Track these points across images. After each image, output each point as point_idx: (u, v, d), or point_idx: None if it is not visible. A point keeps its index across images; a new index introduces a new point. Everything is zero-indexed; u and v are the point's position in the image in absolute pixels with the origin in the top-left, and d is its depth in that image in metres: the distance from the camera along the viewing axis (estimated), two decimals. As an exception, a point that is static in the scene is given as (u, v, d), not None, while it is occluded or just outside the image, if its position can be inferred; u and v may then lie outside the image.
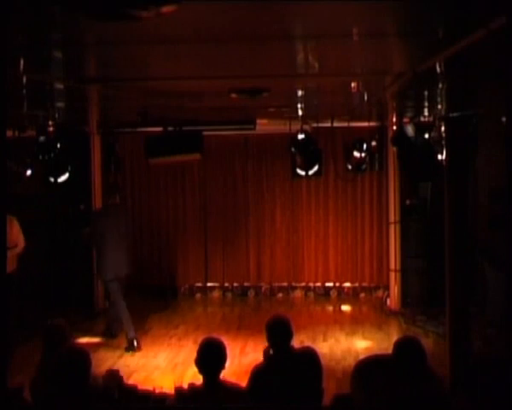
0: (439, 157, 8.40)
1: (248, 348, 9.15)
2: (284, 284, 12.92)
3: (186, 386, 5.00)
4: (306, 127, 10.17)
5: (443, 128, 8.04)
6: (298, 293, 12.86)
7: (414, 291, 11.39)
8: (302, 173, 10.17)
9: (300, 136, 9.91)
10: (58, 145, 8.55)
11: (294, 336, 5.33)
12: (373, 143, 10.92)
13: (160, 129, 8.89)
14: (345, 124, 11.07)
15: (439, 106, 8.29)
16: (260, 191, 12.87)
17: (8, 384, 3.34)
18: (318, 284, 12.86)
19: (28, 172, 9.09)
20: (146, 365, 9.01)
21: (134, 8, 2.57)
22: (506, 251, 8.63)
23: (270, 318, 5.42)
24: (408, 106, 9.28)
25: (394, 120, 9.76)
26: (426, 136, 8.79)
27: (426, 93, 7.57)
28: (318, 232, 12.77)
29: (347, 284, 12.81)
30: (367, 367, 3.93)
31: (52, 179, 8.72)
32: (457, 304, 7.49)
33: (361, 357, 4.95)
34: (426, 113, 9.30)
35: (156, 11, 2.62)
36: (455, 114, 7.41)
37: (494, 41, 3.97)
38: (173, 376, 8.15)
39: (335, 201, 12.72)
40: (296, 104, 8.96)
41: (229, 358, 4.84)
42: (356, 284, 12.78)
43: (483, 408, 3.12)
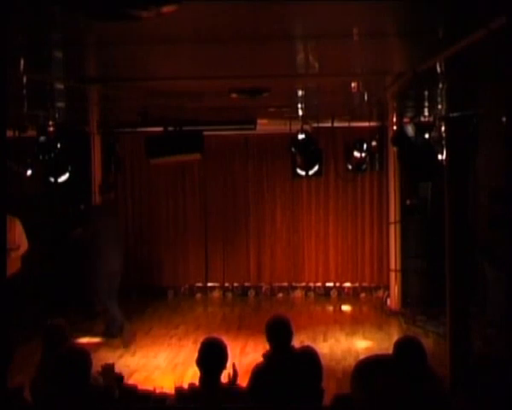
0: (440, 157, 8.41)
1: (249, 348, 9.15)
2: (284, 284, 12.91)
3: (186, 386, 5.00)
4: (307, 127, 10.17)
5: (443, 128, 8.04)
6: (298, 293, 12.86)
7: (414, 291, 11.38)
8: (302, 173, 10.17)
9: (301, 136, 9.90)
10: (58, 145, 8.54)
11: (295, 336, 5.33)
12: (373, 143, 10.93)
13: (161, 129, 8.89)
14: (345, 124, 11.08)
15: (440, 106, 8.29)
16: (260, 191, 12.86)
17: (8, 384, 3.34)
18: (319, 284, 12.85)
19: (28, 172, 9.10)
20: (146, 365, 9.01)
21: (134, 8, 2.58)
22: (506, 251, 8.64)
23: (270, 318, 5.42)
24: (408, 106, 9.28)
25: (394, 120, 9.77)
26: (426, 136, 8.81)
27: (426, 93, 7.57)
28: (319, 232, 12.76)
29: (347, 284, 12.80)
30: (367, 367, 3.92)
31: (52, 179, 8.72)
32: (458, 304, 7.48)
33: (361, 357, 4.95)
34: (426, 113, 9.31)
35: (156, 11, 2.62)
36: (455, 114, 7.41)
37: (494, 41, 3.97)
38: (173, 376, 8.14)
39: (336, 201, 12.71)
40: (296, 104, 8.96)
41: (229, 358, 4.83)
42: (356, 284, 12.78)
43: (483, 408, 3.12)
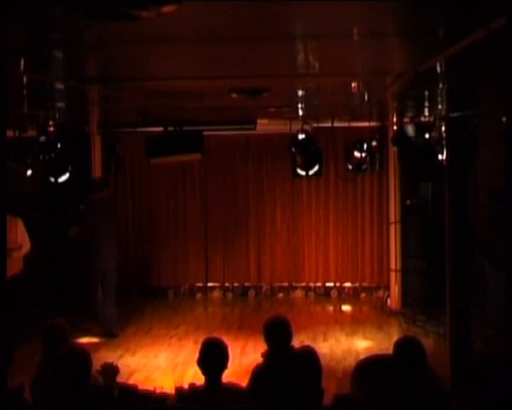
0: (440, 157, 8.40)
1: (249, 348, 9.15)
2: (285, 284, 12.91)
3: (186, 386, 5.00)
4: (307, 127, 10.16)
5: (443, 128, 8.04)
6: (298, 293, 12.86)
7: (414, 291, 11.38)
8: (302, 173, 10.17)
9: (301, 136, 9.90)
10: (58, 145, 8.54)
11: (295, 336, 5.31)
12: (373, 143, 10.93)
13: (161, 129, 8.89)
14: (345, 124, 11.07)
15: (440, 106, 8.29)
16: (261, 191, 12.86)
17: (8, 384, 3.34)
18: (319, 284, 12.85)
19: (29, 172, 9.09)
20: (146, 365, 9.01)
21: (134, 8, 2.58)
22: (506, 251, 8.64)
23: (267, 319, 5.38)
24: (408, 106, 9.28)
25: (395, 120, 9.76)
26: (426, 136, 8.80)
27: (426, 93, 7.57)
28: (319, 232, 12.76)
29: (348, 284, 12.80)
30: (367, 367, 3.92)
31: (52, 179, 8.72)
32: (458, 304, 7.48)
33: (361, 357, 4.95)
34: (426, 113, 9.31)
35: (156, 11, 2.62)
36: (455, 114, 7.41)
37: (494, 41, 3.97)
38: (174, 376, 8.14)
39: (336, 201, 12.71)
40: (297, 104, 8.96)
41: (229, 358, 4.83)
42: (356, 284, 12.78)
43: (483, 408, 3.12)
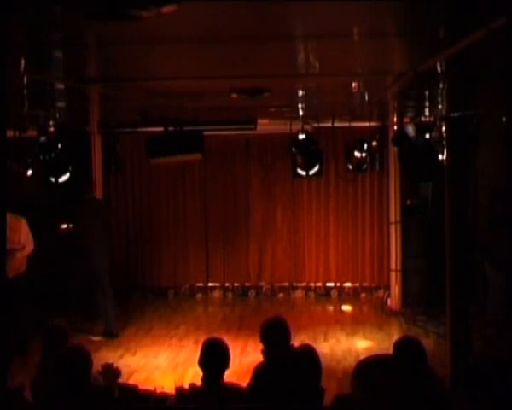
0: (440, 157, 8.40)
1: (249, 348, 9.15)
2: (285, 284, 12.90)
3: (187, 386, 5.00)
4: (307, 127, 10.16)
5: (444, 128, 8.04)
6: (298, 293, 12.85)
7: (414, 291, 11.38)
8: (303, 173, 10.17)
9: (301, 136, 9.90)
10: (59, 145, 8.54)
11: (295, 336, 5.31)
12: (374, 143, 10.93)
13: (161, 129, 8.88)
14: (346, 124, 11.07)
15: (440, 106, 8.29)
16: (261, 191, 12.85)
17: (8, 384, 3.34)
18: (319, 284, 12.85)
19: (29, 172, 9.09)
20: (147, 365, 9.01)
21: (134, 8, 2.58)
22: (506, 251, 8.64)
23: (264, 320, 5.34)
24: (409, 106, 9.28)
25: (395, 120, 9.77)
26: (427, 136, 8.80)
27: (426, 93, 7.57)
28: (319, 232, 12.76)
29: (348, 284, 12.80)
30: (367, 367, 3.92)
31: (53, 179, 8.72)
32: (458, 304, 7.48)
33: (362, 357, 4.94)
34: (426, 113, 9.31)
35: (157, 11, 2.62)
36: (455, 114, 7.40)
37: (494, 41, 3.97)
38: (174, 376, 8.15)
39: (336, 201, 12.70)
40: (297, 104, 8.96)
41: (230, 358, 4.82)
42: (356, 284, 12.77)
43: (483, 408, 3.12)
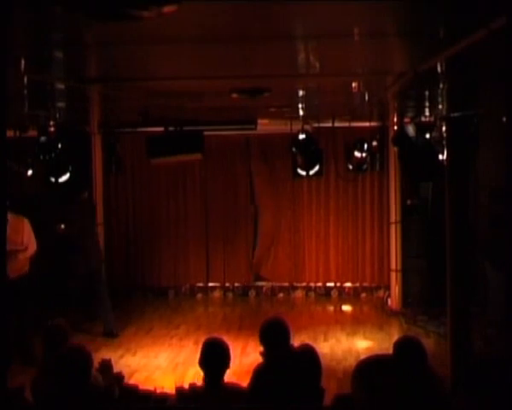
0: (440, 157, 8.40)
1: (249, 349, 9.14)
2: (285, 284, 12.91)
3: (187, 386, 5.00)
4: (307, 127, 10.17)
5: (444, 128, 8.04)
6: (299, 293, 12.85)
7: (415, 291, 11.38)
8: (303, 173, 10.18)
9: (301, 136, 9.90)
10: (59, 145, 8.54)
11: (295, 336, 5.31)
12: (374, 143, 10.93)
13: (161, 129, 8.89)
14: (346, 124, 11.07)
15: (440, 106, 8.29)
16: (261, 191, 12.85)
17: (9, 384, 3.34)
18: (319, 284, 12.85)
19: (29, 172, 9.09)
20: (147, 365, 9.01)
21: (135, 8, 2.58)
22: (507, 251, 8.63)
23: (263, 321, 5.33)
24: (409, 106, 9.28)
25: (395, 120, 9.76)
26: (427, 136, 8.80)
27: (427, 93, 7.57)
28: (319, 232, 12.75)
29: (348, 284, 12.80)
30: (368, 367, 3.91)
31: (53, 179, 8.72)
32: (458, 304, 7.48)
33: (362, 357, 4.94)
34: (427, 113, 9.31)
35: (157, 11, 2.62)
36: (456, 114, 7.41)
37: (495, 41, 3.97)
38: (174, 376, 8.15)
39: (336, 201, 12.70)
40: (297, 104, 8.96)
41: (231, 358, 4.82)
42: (357, 284, 12.77)
43: (483, 408, 3.12)
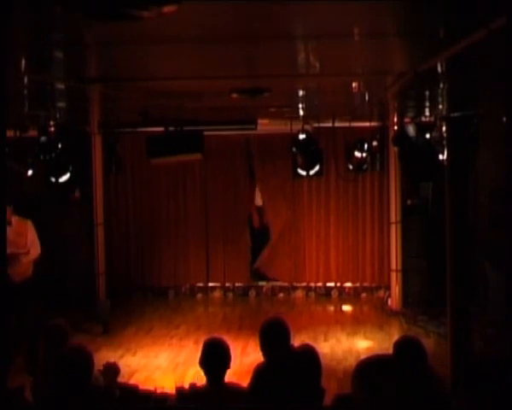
0: (440, 157, 8.41)
1: (249, 349, 9.14)
2: (285, 284, 12.91)
3: (187, 386, 5.00)
4: (307, 127, 10.17)
5: (444, 128, 8.05)
6: (299, 293, 12.85)
7: (415, 291, 11.39)
8: (303, 173, 10.18)
9: (301, 136, 9.91)
10: (59, 145, 8.54)
11: (295, 336, 5.30)
12: (374, 143, 10.94)
13: (161, 129, 8.88)
14: (346, 124, 11.07)
15: (440, 106, 8.29)
16: (261, 191, 12.85)
17: (9, 384, 3.34)
18: (319, 284, 12.85)
19: (29, 172, 9.09)
20: (147, 365, 9.01)
21: (135, 8, 2.58)
22: (507, 251, 8.63)
23: (263, 322, 5.31)
24: (409, 106, 9.28)
25: (395, 120, 9.77)
26: (427, 136, 8.82)
27: (427, 93, 7.57)
28: (319, 232, 12.75)
29: (348, 284, 12.80)
30: (368, 367, 3.92)
31: (53, 179, 8.72)
32: (458, 304, 7.48)
33: (362, 357, 4.94)
34: (427, 113, 9.31)
35: (157, 11, 2.62)
36: (456, 114, 7.41)
37: (495, 41, 3.97)
38: (174, 376, 8.15)
39: (336, 201, 12.70)
40: (297, 104, 8.96)
41: (231, 358, 4.82)
42: (357, 284, 12.77)
43: (483, 408, 3.12)
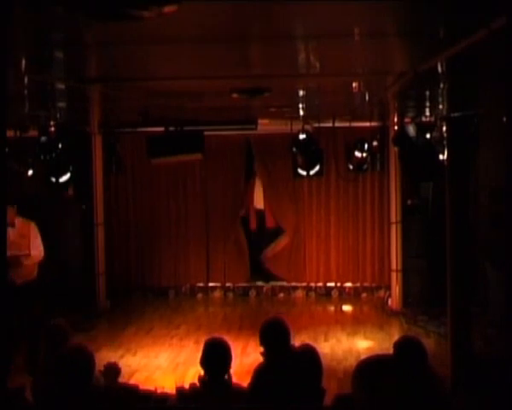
0: (441, 157, 8.41)
1: (250, 349, 9.14)
2: (285, 284, 12.91)
3: (187, 386, 5.00)
4: (308, 127, 10.17)
5: (444, 128, 8.05)
6: (299, 293, 12.85)
7: (415, 291, 11.39)
8: (303, 173, 10.18)
9: (302, 136, 9.91)
10: (59, 145, 8.54)
11: (295, 336, 5.30)
12: (374, 143, 10.93)
13: (161, 129, 8.88)
14: (346, 124, 11.07)
15: (441, 106, 8.29)
16: (262, 191, 12.85)
17: (9, 384, 3.34)
18: (320, 284, 12.85)
19: (30, 172, 9.09)
20: (147, 365, 9.01)
21: (135, 8, 2.58)
22: (507, 251, 8.63)
23: (263, 322, 5.32)
24: (409, 106, 9.27)
25: (396, 120, 9.77)
26: (427, 136, 8.81)
27: (427, 93, 7.57)
28: (320, 232, 12.76)
29: (349, 284, 12.80)
30: (368, 367, 3.92)
31: (54, 179, 8.72)
32: (459, 304, 7.49)
33: (362, 357, 4.94)
34: (427, 113, 9.30)
35: (157, 11, 2.62)
36: (456, 114, 7.41)
37: (495, 41, 3.97)
38: (174, 376, 8.15)
39: (337, 201, 12.70)
40: (297, 104, 8.95)
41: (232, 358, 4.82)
42: (357, 284, 12.77)
43: (484, 408, 3.12)
